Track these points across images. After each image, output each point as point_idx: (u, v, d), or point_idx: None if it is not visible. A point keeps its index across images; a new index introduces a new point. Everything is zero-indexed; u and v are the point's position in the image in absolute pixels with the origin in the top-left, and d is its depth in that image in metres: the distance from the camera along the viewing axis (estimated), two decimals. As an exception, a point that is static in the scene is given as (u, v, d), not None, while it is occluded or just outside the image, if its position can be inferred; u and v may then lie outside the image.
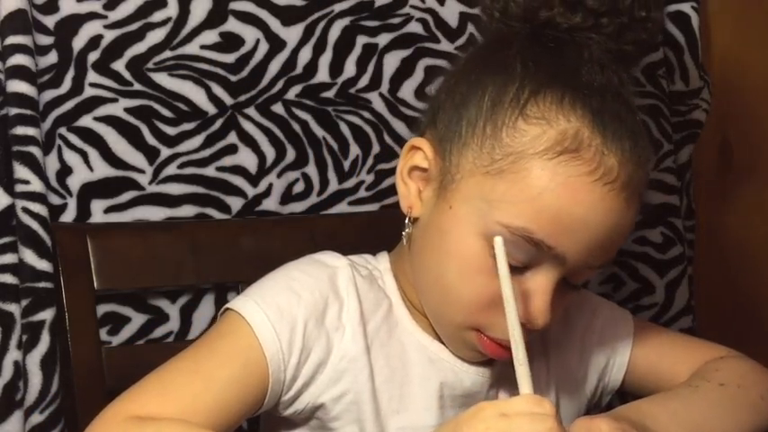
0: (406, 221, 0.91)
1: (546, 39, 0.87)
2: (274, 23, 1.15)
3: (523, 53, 0.87)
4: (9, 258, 1.01)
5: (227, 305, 0.90)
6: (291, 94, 1.17)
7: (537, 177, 0.82)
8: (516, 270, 0.84)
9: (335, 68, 1.18)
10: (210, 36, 1.12)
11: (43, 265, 1.00)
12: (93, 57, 1.07)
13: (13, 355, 1.01)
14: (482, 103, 0.86)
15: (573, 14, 0.87)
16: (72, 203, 1.06)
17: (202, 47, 1.12)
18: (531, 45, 0.87)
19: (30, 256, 1.00)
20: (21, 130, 1.00)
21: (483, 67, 0.89)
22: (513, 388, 0.87)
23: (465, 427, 0.75)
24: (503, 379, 0.93)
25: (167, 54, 1.10)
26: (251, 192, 1.15)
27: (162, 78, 1.10)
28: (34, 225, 1.00)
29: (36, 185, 1.01)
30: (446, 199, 0.87)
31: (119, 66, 1.09)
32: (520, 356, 0.78)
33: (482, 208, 0.84)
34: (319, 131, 1.18)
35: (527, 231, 0.82)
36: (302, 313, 0.87)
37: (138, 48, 1.09)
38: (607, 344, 1.01)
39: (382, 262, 0.96)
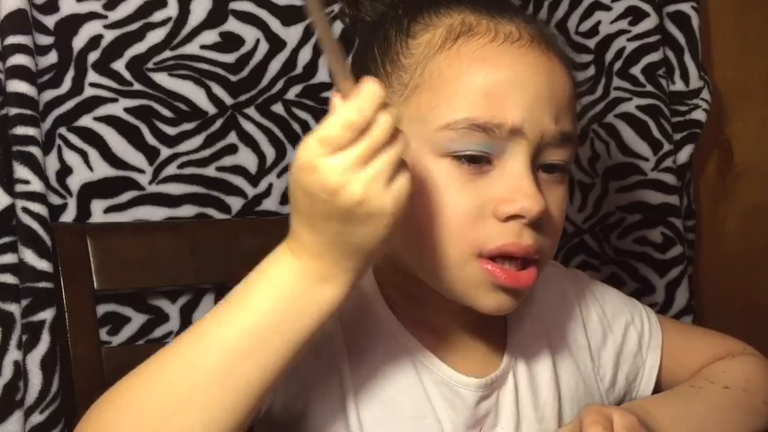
0: None
1: None
2: (274, 23, 1.15)
3: (390, 10, 0.88)
4: (9, 258, 1.01)
5: None
6: (291, 94, 1.17)
7: (448, 67, 0.82)
8: (488, 167, 0.81)
9: (335, 68, 1.18)
10: (210, 36, 1.12)
11: (43, 265, 1.00)
12: (93, 57, 1.07)
13: (13, 355, 1.01)
14: (375, 57, 0.86)
15: None
16: (72, 203, 1.06)
17: (202, 47, 1.12)
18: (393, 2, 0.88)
19: (30, 256, 0.99)
20: (21, 130, 1.00)
21: (362, 42, 0.90)
22: (507, 392, 0.87)
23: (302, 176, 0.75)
24: (497, 385, 0.89)
25: (167, 54, 1.10)
26: (251, 192, 1.15)
27: (162, 78, 1.10)
28: (34, 225, 1.00)
29: (36, 185, 1.01)
30: None
31: (119, 66, 1.09)
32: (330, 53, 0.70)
33: (422, 129, 0.82)
34: (319, 131, 1.17)
35: (469, 120, 0.80)
36: None
37: (138, 48, 1.09)
38: (636, 358, 1.00)
39: None
